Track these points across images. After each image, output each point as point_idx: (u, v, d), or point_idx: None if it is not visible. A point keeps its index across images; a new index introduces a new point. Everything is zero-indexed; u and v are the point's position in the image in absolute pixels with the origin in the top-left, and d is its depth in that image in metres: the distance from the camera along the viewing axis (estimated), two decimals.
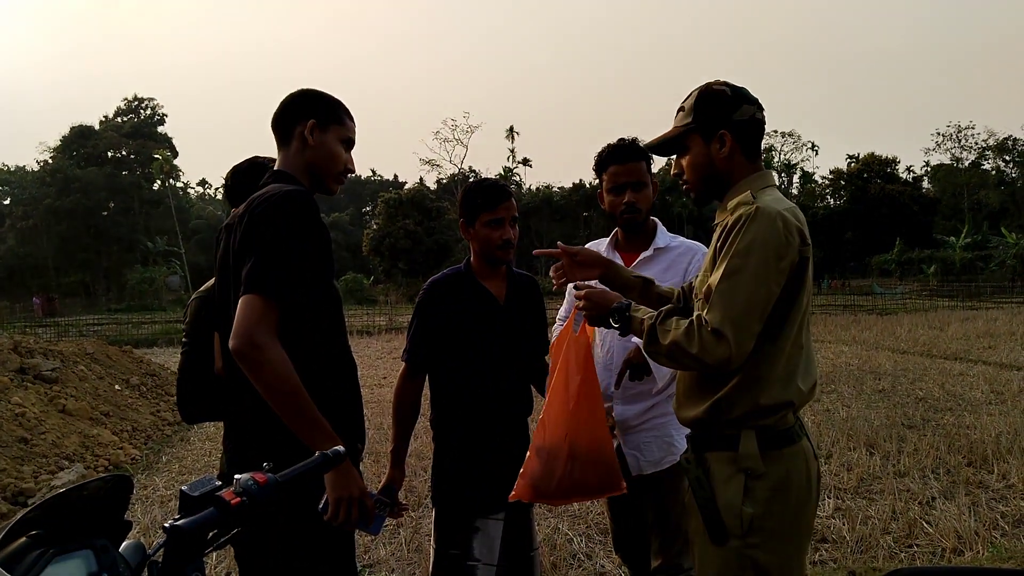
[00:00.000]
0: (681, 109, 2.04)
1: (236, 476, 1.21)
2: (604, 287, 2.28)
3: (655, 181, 2.77)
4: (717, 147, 1.97)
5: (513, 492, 2.34)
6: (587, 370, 2.29)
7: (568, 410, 2.25)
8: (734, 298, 1.73)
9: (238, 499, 1.15)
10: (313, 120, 2.07)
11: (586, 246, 3.00)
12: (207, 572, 4.38)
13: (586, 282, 2.27)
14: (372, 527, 1.99)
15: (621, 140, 2.73)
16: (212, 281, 2.49)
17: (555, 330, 3.01)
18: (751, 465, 1.83)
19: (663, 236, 2.78)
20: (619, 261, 2.78)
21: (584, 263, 2.36)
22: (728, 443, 1.88)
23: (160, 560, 1.11)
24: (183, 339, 2.43)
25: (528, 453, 2.32)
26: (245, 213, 1.93)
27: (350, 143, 2.17)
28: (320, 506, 1.87)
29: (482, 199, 2.53)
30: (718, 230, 1.90)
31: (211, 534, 1.15)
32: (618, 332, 2.04)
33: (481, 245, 2.57)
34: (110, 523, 1.14)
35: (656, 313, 1.91)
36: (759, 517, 1.81)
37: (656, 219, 2.85)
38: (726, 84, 2.00)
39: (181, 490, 1.14)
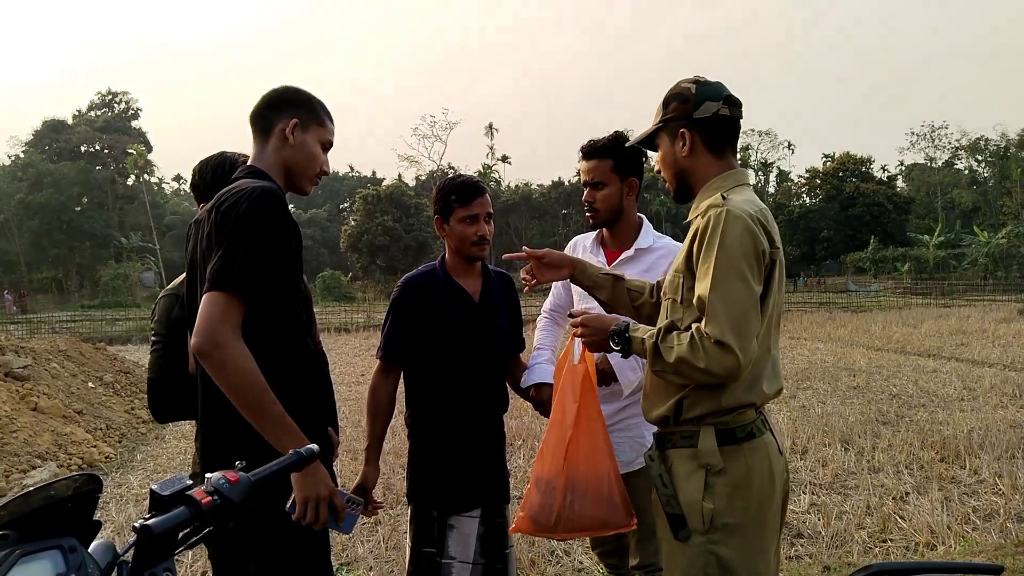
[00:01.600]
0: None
1: (207, 475, 1.19)
2: (600, 312, 2.26)
3: (631, 180, 2.72)
4: (680, 145, 1.97)
5: (513, 525, 2.32)
6: (585, 401, 2.23)
7: (565, 441, 2.21)
8: (729, 307, 1.72)
9: (209, 498, 1.13)
10: (296, 120, 2.04)
11: (573, 240, 3.00)
12: (182, 573, 4.34)
13: (583, 308, 2.26)
14: (343, 526, 1.97)
15: (593, 139, 2.72)
16: (181, 278, 2.47)
17: (539, 322, 3.01)
18: (710, 461, 1.83)
19: (647, 236, 2.76)
20: (603, 258, 2.78)
21: (551, 264, 2.37)
22: (688, 440, 1.88)
23: (130, 560, 1.09)
24: (152, 337, 2.39)
25: (528, 485, 2.29)
26: (213, 208, 1.91)
27: (328, 145, 2.15)
28: (287, 506, 1.85)
29: (456, 195, 2.52)
30: (691, 230, 1.90)
31: (182, 534, 1.13)
32: (620, 355, 2.01)
33: (456, 242, 2.56)
34: (79, 522, 1.12)
35: (655, 331, 1.89)
36: (720, 513, 1.81)
37: (643, 217, 2.83)
38: (695, 80, 1.98)
39: (151, 489, 1.12)
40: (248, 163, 2.08)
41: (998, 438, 6.84)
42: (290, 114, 2.05)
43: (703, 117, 1.94)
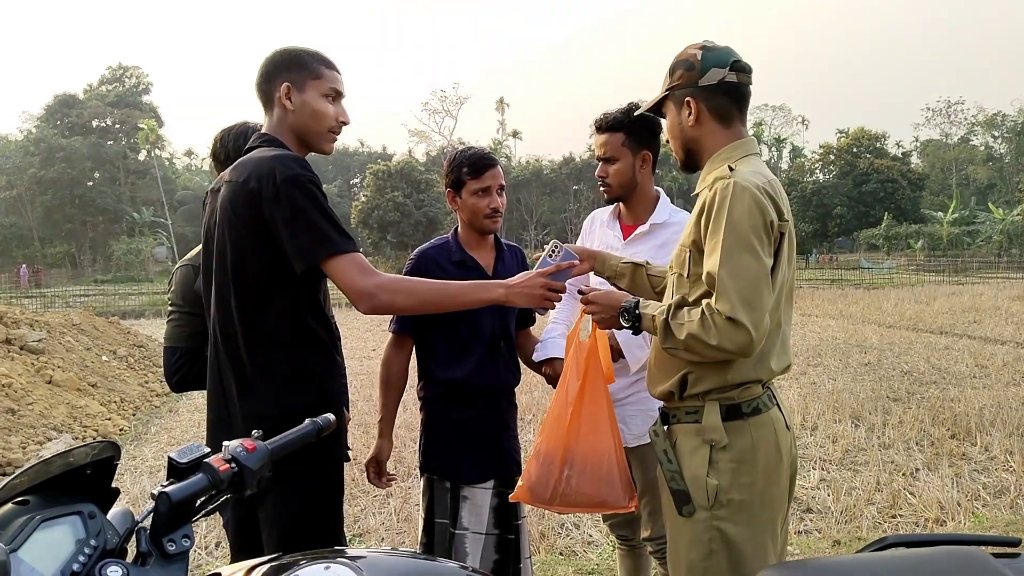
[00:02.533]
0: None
1: (225, 443, 1.20)
2: (610, 288, 2.24)
3: (644, 154, 2.67)
4: (686, 113, 1.93)
5: (513, 493, 2.34)
6: (589, 378, 2.23)
7: (566, 416, 2.21)
8: (739, 282, 1.69)
9: (227, 466, 1.14)
10: (287, 83, 1.99)
11: (591, 214, 2.98)
12: (197, 543, 4.40)
13: (590, 286, 2.24)
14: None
15: (606, 112, 2.68)
16: (198, 249, 2.47)
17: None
18: (715, 437, 1.82)
19: (663, 210, 2.73)
20: (619, 232, 2.76)
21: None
22: (693, 415, 1.87)
23: (148, 527, 1.10)
24: (169, 308, 2.40)
25: (529, 455, 2.30)
26: (234, 180, 1.90)
27: (336, 94, 2.05)
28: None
29: (468, 168, 2.51)
30: (698, 203, 1.86)
31: (200, 501, 1.14)
32: (631, 332, 2.00)
33: (468, 214, 2.55)
34: (97, 489, 1.13)
35: (665, 308, 1.86)
36: (725, 489, 1.80)
37: (660, 190, 2.80)
38: (702, 46, 1.92)
39: (169, 456, 1.13)
40: (263, 131, 2.06)
41: (1010, 415, 6.82)
42: (281, 79, 2.01)
43: (709, 84, 1.88)
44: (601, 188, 2.72)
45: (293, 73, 2.01)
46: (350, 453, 2.12)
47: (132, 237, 57.15)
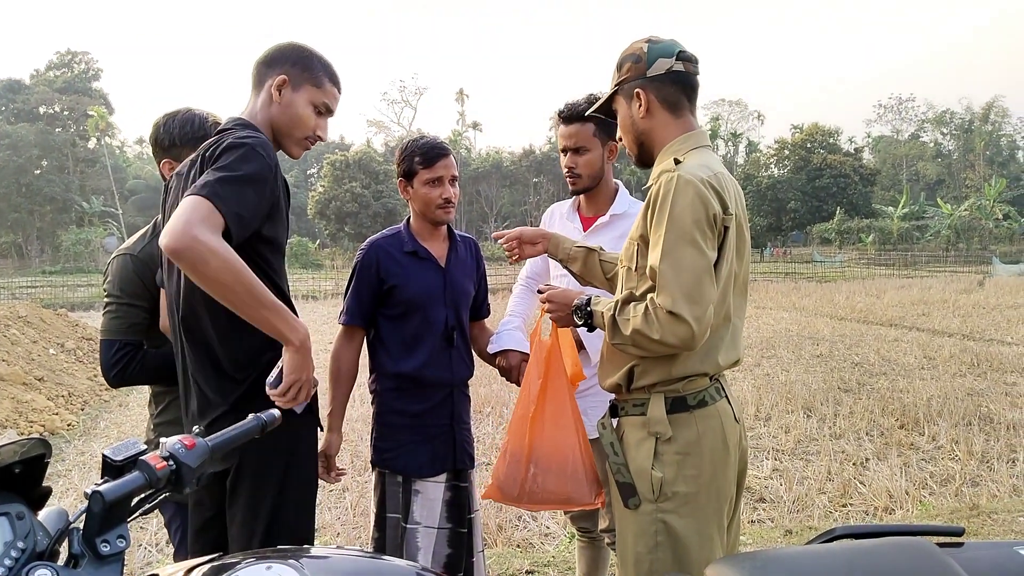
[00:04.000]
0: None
1: (162, 439, 1.15)
2: (565, 287, 2.23)
3: (612, 145, 2.66)
4: (636, 106, 1.92)
5: (484, 492, 2.33)
6: (550, 376, 2.23)
7: (528, 415, 2.21)
8: (680, 275, 1.68)
9: (164, 463, 1.10)
10: (285, 76, 1.94)
11: (550, 208, 2.98)
12: (146, 538, 4.30)
13: (558, 278, 2.23)
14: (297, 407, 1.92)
15: (570, 103, 2.66)
16: (136, 236, 2.38)
17: (515, 289, 2.99)
18: (659, 429, 1.82)
19: (622, 201, 2.73)
20: (578, 224, 2.75)
21: (528, 240, 2.39)
22: (639, 408, 1.87)
23: (81, 527, 1.05)
24: (106, 299, 2.31)
25: (499, 455, 2.30)
26: (199, 156, 1.83)
27: (325, 109, 2.02)
28: (270, 379, 1.80)
29: (420, 157, 2.47)
30: (647, 197, 1.85)
31: (136, 500, 1.10)
32: (586, 329, 1.99)
33: (421, 205, 2.51)
34: (27, 489, 1.08)
35: (613, 303, 1.85)
36: (669, 481, 1.80)
37: (619, 182, 2.80)
38: (648, 40, 1.92)
39: (103, 454, 1.08)
40: (239, 115, 1.99)
41: (956, 406, 7.00)
42: (281, 71, 1.95)
43: (657, 75, 1.88)
44: (569, 179, 2.69)
45: (295, 69, 1.96)
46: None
47: (81, 227, 55.74)
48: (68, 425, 7.55)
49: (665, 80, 1.89)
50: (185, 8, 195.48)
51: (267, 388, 1.80)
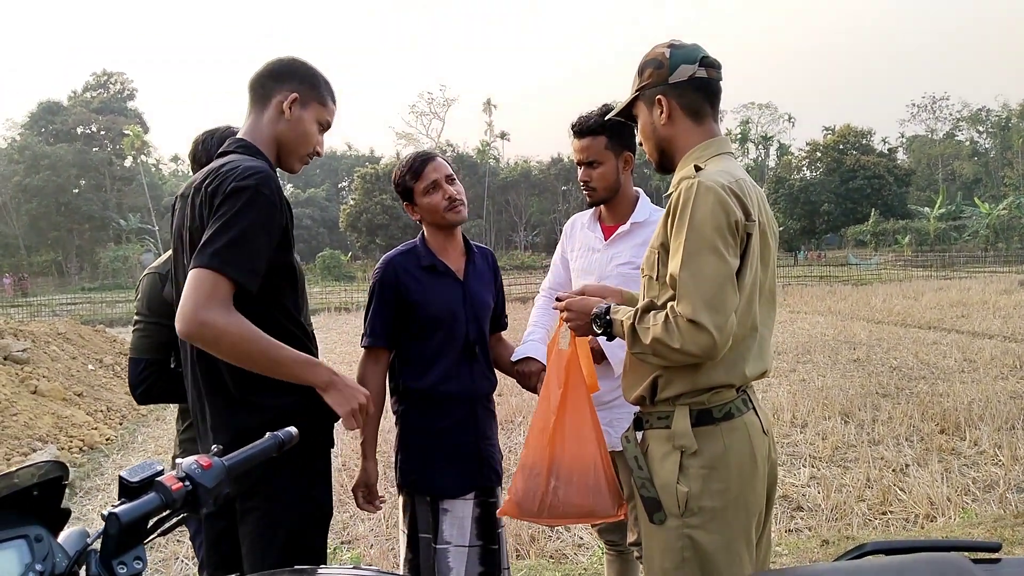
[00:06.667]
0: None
1: (178, 460, 1.15)
2: (586, 295, 2.17)
3: (627, 155, 2.64)
4: (658, 112, 1.90)
5: (501, 508, 2.29)
6: (570, 386, 2.18)
7: (549, 427, 2.16)
8: (700, 283, 1.65)
9: (180, 484, 1.10)
10: (296, 95, 1.96)
11: (571, 219, 2.96)
12: (182, 551, 4.34)
13: (581, 286, 2.17)
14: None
15: (583, 116, 2.65)
16: (166, 256, 2.41)
17: (537, 300, 2.97)
18: (684, 443, 1.77)
19: (643, 209, 2.71)
20: (600, 234, 2.73)
21: (594, 294, 2.15)
22: (664, 420, 1.83)
23: (99, 549, 1.05)
24: (135, 317, 2.33)
25: (516, 470, 2.25)
26: (201, 187, 1.85)
27: (326, 126, 2.07)
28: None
29: (408, 173, 2.49)
30: (668, 205, 1.82)
31: (153, 521, 1.10)
32: (605, 339, 1.96)
33: (429, 215, 2.50)
34: (46, 511, 1.09)
35: (633, 312, 1.82)
36: (695, 496, 1.75)
37: (639, 190, 2.79)
38: (669, 44, 1.90)
39: (120, 476, 1.08)
40: (239, 135, 2.00)
41: (998, 409, 6.83)
42: (291, 87, 1.97)
43: (679, 81, 1.86)
44: (585, 192, 2.69)
45: (305, 87, 1.99)
46: (340, 460, 2.07)
47: (119, 244, 56.91)
48: (107, 440, 7.67)
49: (688, 87, 1.87)
50: (219, 25, 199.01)
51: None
